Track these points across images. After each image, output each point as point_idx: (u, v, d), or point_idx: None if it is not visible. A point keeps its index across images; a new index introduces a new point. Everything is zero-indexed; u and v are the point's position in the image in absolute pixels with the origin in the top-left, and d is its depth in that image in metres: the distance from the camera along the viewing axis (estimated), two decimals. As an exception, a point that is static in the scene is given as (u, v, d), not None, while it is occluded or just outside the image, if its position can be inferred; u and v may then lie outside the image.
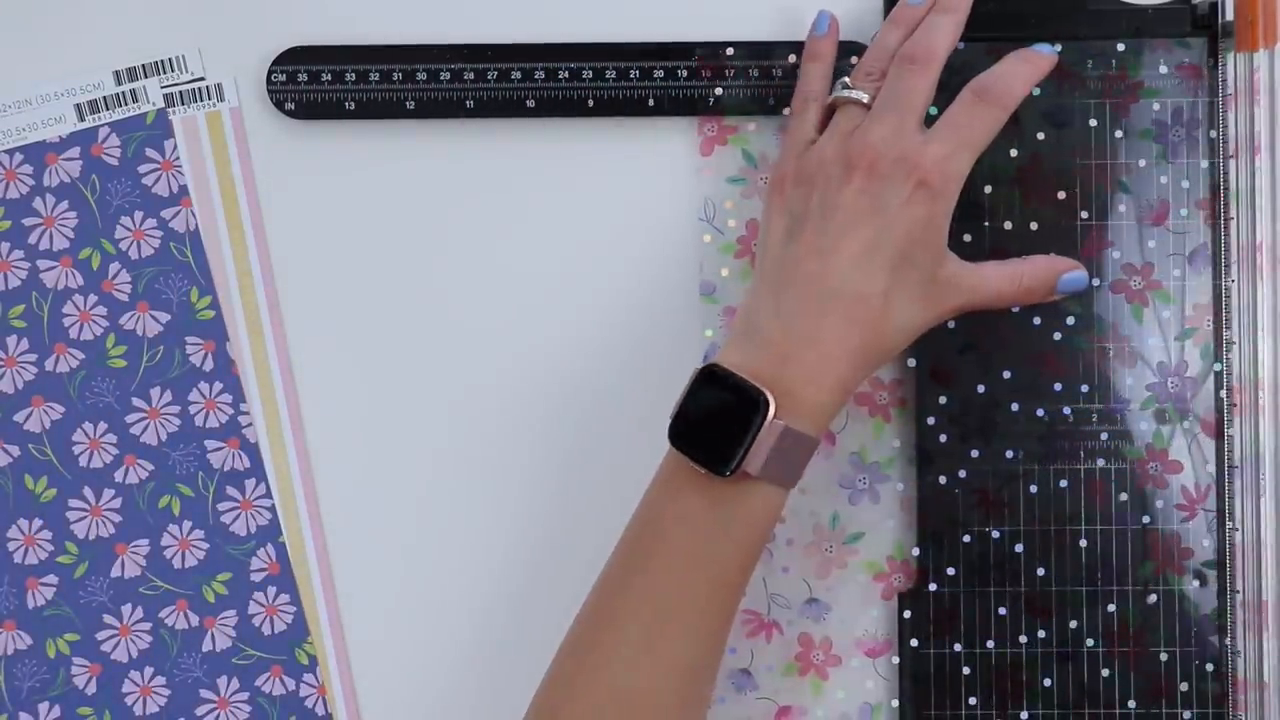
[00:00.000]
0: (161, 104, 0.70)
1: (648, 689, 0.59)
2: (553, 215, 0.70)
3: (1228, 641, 0.67)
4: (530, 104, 0.69)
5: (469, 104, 0.69)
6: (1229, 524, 0.67)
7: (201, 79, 0.70)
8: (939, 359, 0.68)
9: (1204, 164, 0.68)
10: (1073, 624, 0.67)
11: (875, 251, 0.60)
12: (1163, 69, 0.68)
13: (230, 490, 0.70)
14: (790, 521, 0.70)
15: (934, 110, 0.63)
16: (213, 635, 0.70)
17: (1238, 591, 0.67)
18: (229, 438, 0.70)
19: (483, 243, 0.70)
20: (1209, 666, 0.67)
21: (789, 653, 0.70)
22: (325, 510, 0.70)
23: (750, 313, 0.61)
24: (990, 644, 0.67)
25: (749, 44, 0.69)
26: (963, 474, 0.67)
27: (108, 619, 0.70)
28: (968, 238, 0.67)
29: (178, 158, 0.70)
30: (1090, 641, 0.67)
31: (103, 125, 0.70)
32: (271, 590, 0.70)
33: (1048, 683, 0.67)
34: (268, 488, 0.70)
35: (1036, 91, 0.66)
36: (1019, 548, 0.67)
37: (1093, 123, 0.68)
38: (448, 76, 0.68)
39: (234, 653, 0.70)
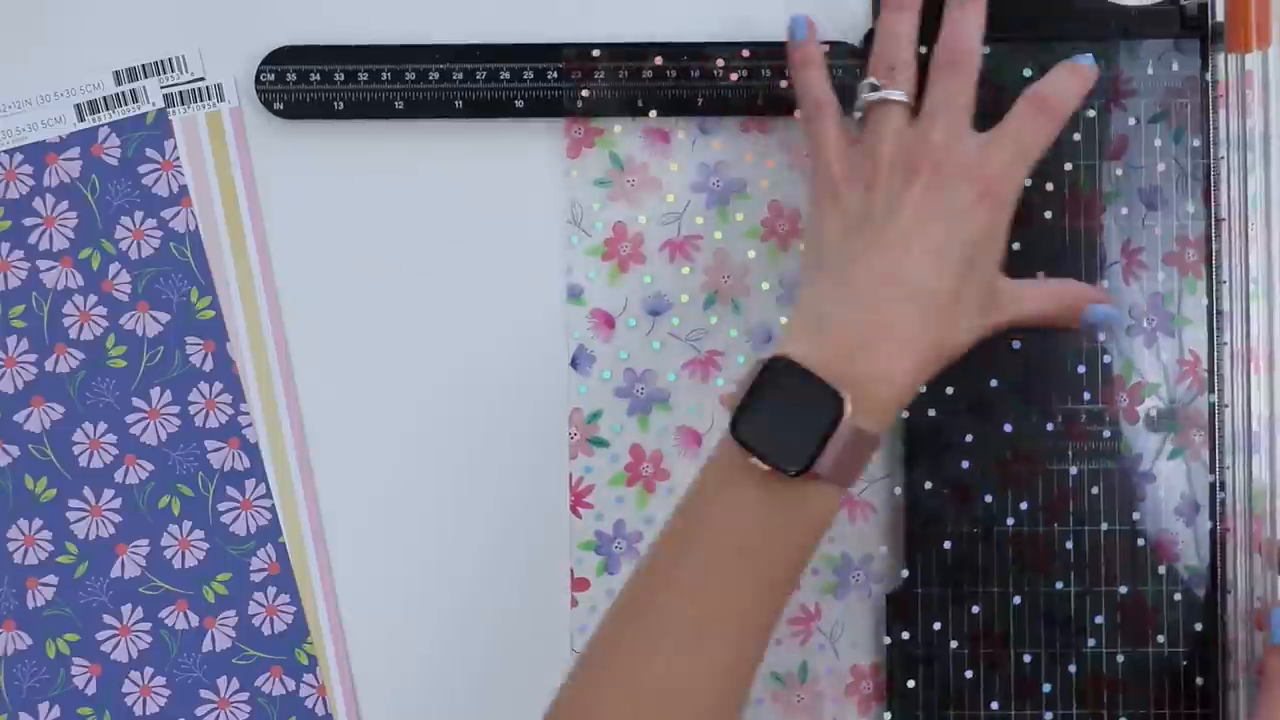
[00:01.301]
0: (161, 104, 0.70)
1: (688, 688, 0.57)
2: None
3: (1221, 643, 0.67)
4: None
5: (458, 104, 0.69)
6: (1220, 525, 0.67)
7: (201, 79, 0.70)
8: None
9: (1193, 165, 0.68)
10: (1066, 627, 0.67)
11: (946, 250, 0.59)
12: (1151, 70, 0.68)
13: (230, 490, 0.70)
14: (657, 521, 0.70)
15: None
16: (213, 635, 0.70)
17: (1229, 593, 0.67)
18: (229, 438, 0.70)
19: (476, 244, 0.70)
20: (1200, 668, 0.67)
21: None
22: (325, 510, 0.70)
23: (814, 304, 0.60)
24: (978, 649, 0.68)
25: (614, 45, 0.68)
26: (951, 476, 0.68)
27: (108, 619, 0.70)
28: (1016, 245, 0.67)
29: (178, 158, 0.70)
30: (1092, 642, 0.67)
31: (103, 125, 0.70)
32: (271, 590, 0.70)
33: (1048, 688, 0.67)
34: (268, 488, 0.70)
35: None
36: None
37: (1080, 124, 0.68)
38: (436, 76, 0.68)
39: (234, 653, 0.70)
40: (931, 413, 0.68)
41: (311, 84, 0.69)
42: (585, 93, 0.69)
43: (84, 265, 0.70)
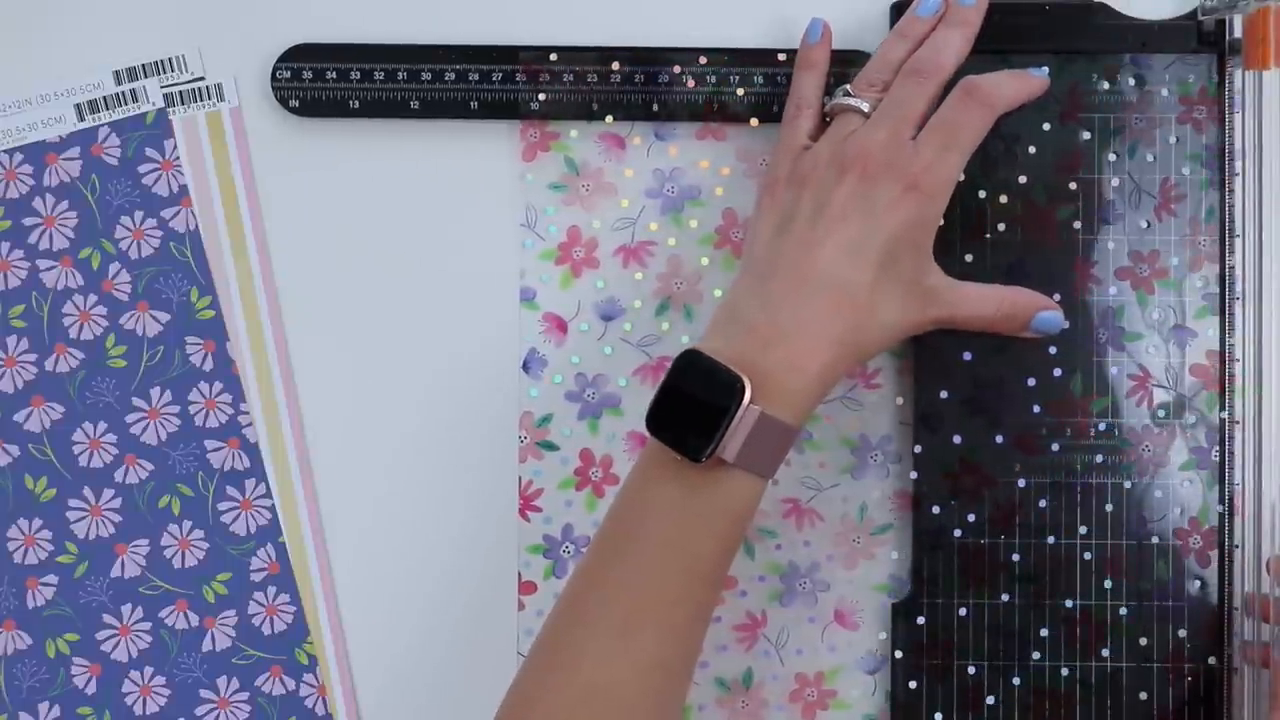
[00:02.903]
0: (161, 104, 0.70)
1: (620, 684, 0.59)
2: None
3: (1229, 651, 0.67)
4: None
5: (473, 105, 0.69)
6: (1230, 541, 0.67)
7: (201, 79, 0.70)
8: (937, 365, 0.68)
9: (1207, 179, 0.68)
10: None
11: (862, 246, 0.60)
12: (1168, 85, 0.68)
13: (230, 490, 0.70)
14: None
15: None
16: (213, 635, 0.70)
17: (1235, 608, 0.67)
18: (229, 438, 0.70)
19: (477, 244, 0.70)
20: (1206, 677, 0.68)
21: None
22: (325, 510, 0.70)
23: (734, 301, 0.61)
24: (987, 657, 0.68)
25: (572, 48, 0.68)
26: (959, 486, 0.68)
27: (108, 619, 0.70)
28: (969, 257, 0.67)
29: (178, 158, 0.70)
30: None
31: (103, 125, 0.70)
32: (271, 590, 0.70)
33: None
34: (268, 488, 0.70)
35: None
36: (1015, 557, 0.68)
37: (1098, 137, 0.68)
38: (452, 77, 0.68)
39: (234, 653, 0.70)
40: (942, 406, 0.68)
41: (327, 82, 0.68)
42: (542, 95, 0.69)
43: (84, 265, 0.70)
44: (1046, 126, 0.67)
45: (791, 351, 0.59)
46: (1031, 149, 0.68)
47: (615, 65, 0.68)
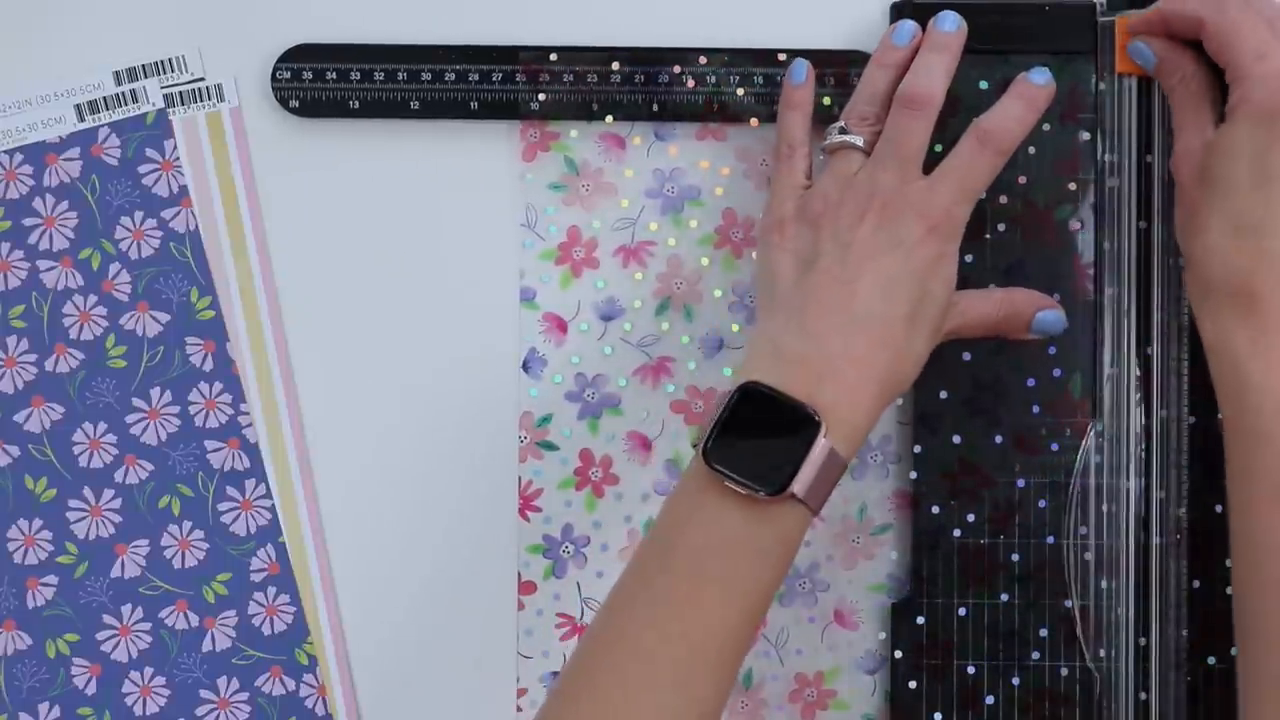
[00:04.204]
0: (161, 104, 0.70)
1: None
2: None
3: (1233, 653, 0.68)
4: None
5: (473, 105, 0.69)
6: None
7: (201, 79, 0.70)
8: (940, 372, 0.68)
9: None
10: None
11: (896, 283, 0.60)
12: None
13: (230, 490, 0.70)
14: (605, 526, 0.70)
15: (938, 148, 0.64)
16: (213, 635, 0.70)
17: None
18: (229, 438, 0.70)
19: (476, 244, 0.70)
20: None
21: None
22: (325, 510, 0.70)
23: (772, 335, 0.61)
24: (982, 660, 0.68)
25: (572, 48, 0.69)
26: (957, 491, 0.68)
27: (108, 619, 0.70)
28: (969, 258, 0.67)
29: (178, 158, 0.70)
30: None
31: (103, 125, 0.70)
32: (271, 590, 0.70)
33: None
34: (268, 488, 0.70)
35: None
36: (1014, 557, 0.68)
37: (1097, 138, 0.68)
38: (452, 77, 0.68)
39: (234, 653, 0.70)
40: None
41: (327, 82, 0.69)
42: (542, 96, 0.69)
43: (84, 265, 0.70)
44: (1046, 127, 0.67)
45: (846, 385, 0.59)
46: (1031, 149, 0.68)
47: (615, 65, 0.68)
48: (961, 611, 0.68)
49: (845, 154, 0.64)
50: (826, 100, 0.68)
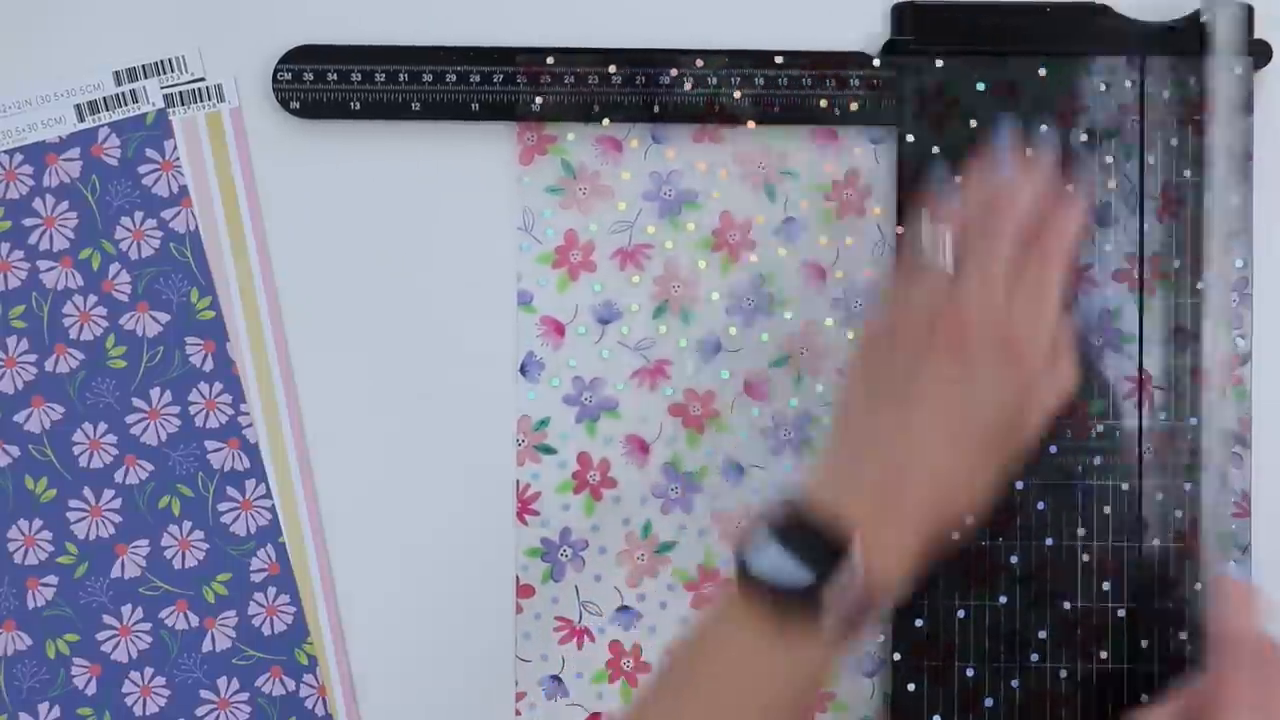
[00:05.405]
0: (161, 104, 0.70)
1: None
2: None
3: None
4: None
5: (474, 106, 0.69)
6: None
7: (201, 79, 0.70)
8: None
9: (1208, 181, 0.67)
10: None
11: (963, 429, 0.58)
12: (1168, 87, 0.68)
13: (230, 490, 0.70)
14: (603, 529, 0.70)
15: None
16: (213, 636, 0.70)
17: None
18: (229, 438, 0.70)
19: (474, 247, 0.70)
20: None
21: (600, 660, 0.70)
22: (325, 510, 0.70)
23: (837, 464, 0.59)
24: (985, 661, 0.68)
25: (571, 50, 0.68)
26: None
27: (108, 619, 0.70)
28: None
29: (178, 158, 0.70)
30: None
31: (103, 126, 0.70)
32: (271, 590, 0.70)
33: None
34: (268, 488, 0.70)
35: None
36: (1014, 559, 0.68)
37: (1096, 139, 0.68)
38: (453, 79, 0.68)
39: (234, 653, 0.70)
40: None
41: (328, 83, 0.68)
42: (541, 98, 0.69)
43: (84, 265, 0.70)
44: (1045, 128, 0.67)
45: (890, 533, 0.57)
46: (1030, 150, 0.67)
47: (614, 67, 0.68)
48: (961, 613, 0.68)
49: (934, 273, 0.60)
50: (823, 103, 0.68)
